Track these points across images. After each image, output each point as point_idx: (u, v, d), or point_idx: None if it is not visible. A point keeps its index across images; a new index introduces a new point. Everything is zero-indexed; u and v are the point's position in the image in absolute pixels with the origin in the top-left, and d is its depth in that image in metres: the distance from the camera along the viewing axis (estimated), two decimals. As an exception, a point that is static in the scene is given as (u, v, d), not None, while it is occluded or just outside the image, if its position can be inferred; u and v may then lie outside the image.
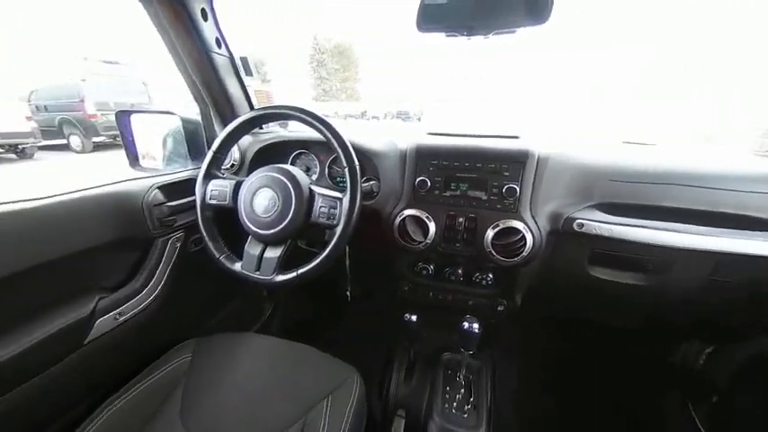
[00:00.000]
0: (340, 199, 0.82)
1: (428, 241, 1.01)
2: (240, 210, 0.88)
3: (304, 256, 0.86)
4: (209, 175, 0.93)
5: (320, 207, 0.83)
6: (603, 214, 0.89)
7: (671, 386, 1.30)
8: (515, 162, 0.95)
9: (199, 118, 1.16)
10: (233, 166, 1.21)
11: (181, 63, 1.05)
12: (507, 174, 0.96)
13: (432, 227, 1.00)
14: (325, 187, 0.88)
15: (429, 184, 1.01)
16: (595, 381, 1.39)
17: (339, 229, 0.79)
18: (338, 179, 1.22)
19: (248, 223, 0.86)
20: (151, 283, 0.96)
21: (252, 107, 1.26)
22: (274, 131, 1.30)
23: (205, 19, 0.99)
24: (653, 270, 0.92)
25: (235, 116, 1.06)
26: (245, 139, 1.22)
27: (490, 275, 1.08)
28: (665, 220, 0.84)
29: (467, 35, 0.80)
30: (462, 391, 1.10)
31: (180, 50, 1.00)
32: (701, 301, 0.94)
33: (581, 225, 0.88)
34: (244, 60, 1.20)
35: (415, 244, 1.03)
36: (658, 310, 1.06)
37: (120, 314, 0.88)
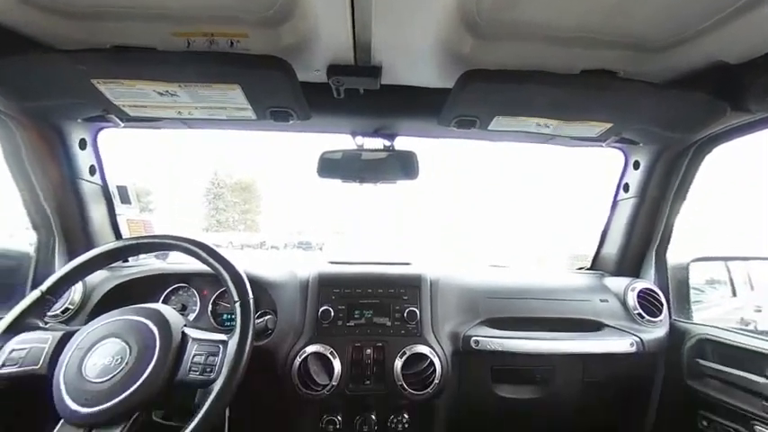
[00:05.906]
0: (224, 342, 0.67)
1: (334, 383, 0.89)
2: (57, 378, 0.60)
3: None
4: (16, 327, 0.65)
5: (194, 356, 0.65)
6: (491, 329, 1.01)
7: None
8: (412, 286, 1.03)
9: (28, 250, 0.97)
10: (67, 310, 0.91)
11: (28, 188, 0.91)
12: (406, 297, 1.01)
13: (337, 364, 0.90)
14: (205, 329, 0.72)
15: (332, 313, 0.97)
16: None
17: (219, 385, 0.60)
18: (224, 317, 1.05)
19: (65, 398, 0.57)
20: None
21: (119, 237, 1.12)
22: (146, 264, 1.11)
23: (82, 148, 0.97)
24: (541, 381, 1.04)
25: (90, 247, 0.88)
26: (97, 276, 0.98)
27: (406, 416, 0.98)
28: (533, 330, 1.01)
29: (359, 182, 1.06)
30: None
31: (33, 175, 0.90)
32: (584, 404, 1.06)
33: (477, 342, 0.96)
34: (122, 189, 1.14)
35: (318, 389, 0.88)
36: (553, 423, 1.15)
37: None
